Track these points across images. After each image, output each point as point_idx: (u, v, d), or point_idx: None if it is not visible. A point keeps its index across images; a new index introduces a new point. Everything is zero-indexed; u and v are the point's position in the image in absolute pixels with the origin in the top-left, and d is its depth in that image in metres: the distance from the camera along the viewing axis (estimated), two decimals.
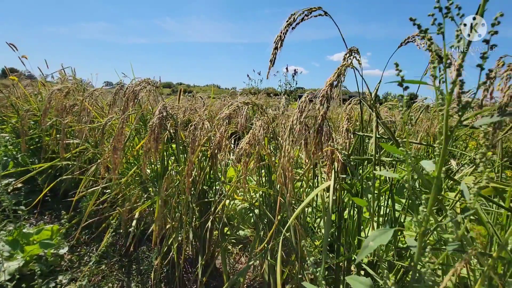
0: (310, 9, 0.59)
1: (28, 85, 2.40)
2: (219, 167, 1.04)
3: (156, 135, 0.87)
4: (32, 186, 1.92)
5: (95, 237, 1.43)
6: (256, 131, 0.78)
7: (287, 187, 0.71)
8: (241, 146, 0.79)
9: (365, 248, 0.31)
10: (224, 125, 0.85)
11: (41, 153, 1.80)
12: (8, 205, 1.21)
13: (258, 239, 0.93)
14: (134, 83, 0.98)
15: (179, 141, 0.99)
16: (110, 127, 1.40)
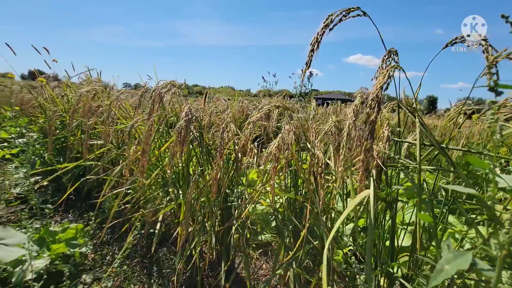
0: (348, 9, 0.56)
1: (55, 87, 2.49)
2: (242, 170, 1.02)
3: (183, 138, 0.86)
4: (57, 184, 1.98)
5: (117, 237, 1.45)
6: (286, 135, 0.76)
7: (318, 195, 0.68)
8: (270, 151, 0.77)
9: (440, 272, 0.28)
10: (249, 128, 0.83)
11: (67, 153, 1.86)
12: (36, 203, 1.24)
13: (283, 246, 0.90)
14: (160, 85, 0.98)
15: (204, 144, 0.98)
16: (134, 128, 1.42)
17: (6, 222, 1.63)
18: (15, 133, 2.73)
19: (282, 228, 0.94)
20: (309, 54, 0.55)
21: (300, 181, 0.95)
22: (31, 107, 2.73)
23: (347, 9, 0.57)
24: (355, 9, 0.57)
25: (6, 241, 0.81)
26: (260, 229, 1.09)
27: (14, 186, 1.97)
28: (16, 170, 2.21)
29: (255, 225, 1.21)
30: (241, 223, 0.93)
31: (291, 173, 0.94)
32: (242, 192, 1.09)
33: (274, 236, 1.30)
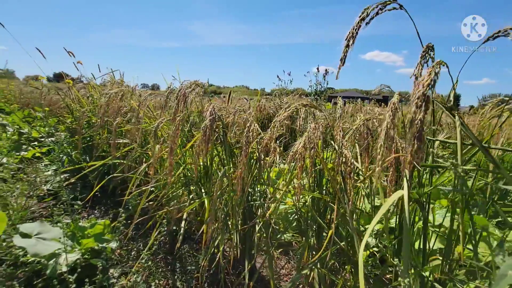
0: (385, 2, 0.54)
1: (81, 88, 2.60)
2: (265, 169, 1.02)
3: (207, 137, 0.87)
4: (84, 181, 2.07)
5: (141, 233, 1.49)
6: (312, 134, 0.75)
7: (347, 195, 0.67)
8: (296, 150, 0.76)
9: (504, 277, 0.27)
10: (275, 127, 0.82)
11: (93, 151, 1.93)
12: (66, 199, 1.30)
13: (307, 246, 0.89)
14: (184, 85, 1.00)
15: (227, 143, 0.99)
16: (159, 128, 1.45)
17: (38, 216, 1.72)
18: (44, 132, 2.87)
19: (306, 228, 0.93)
20: (344, 50, 0.54)
21: (325, 180, 0.94)
22: (59, 108, 2.86)
23: (383, 2, 0.55)
24: (391, 2, 0.55)
25: (43, 235, 0.86)
26: (283, 229, 1.08)
27: (45, 183, 2.08)
28: (46, 168, 2.33)
29: (277, 224, 1.20)
30: (264, 222, 0.93)
31: (315, 172, 0.93)
32: (264, 190, 1.09)
33: (295, 235, 1.29)
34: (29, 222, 1.57)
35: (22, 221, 1.45)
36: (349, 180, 0.63)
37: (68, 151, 2.14)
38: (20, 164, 2.35)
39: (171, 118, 1.03)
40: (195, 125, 1.26)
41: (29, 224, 0.88)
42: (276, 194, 0.99)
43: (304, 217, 0.96)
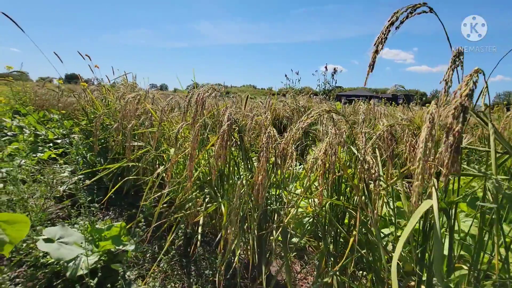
0: (414, 6, 0.53)
1: (95, 90, 2.64)
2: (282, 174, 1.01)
3: (226, 142, 0.87)
4: (98, 183, 2.10)
5: (156, 236, 1.51)
6: (333, 140, 0.74)
7: (373, 204, 0.66)
8: (316, 156, 0.75)
9: None
10: (295, 133, 0.81)
11: (107, 153, 1.97)
12: (84, 202, 1.32)
13: (326, 252, 0.88)
14: (203, 89, 1.00)
15: (244, 148, 0.98)
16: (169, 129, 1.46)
17: (55, 218, 1.76)
18: (59, 134, 2.93)
19: (324, 234, 0.92)
20: (373, 55, 0.52)
21: (343, 186, 0.92)
22: (73, 109, 2.92)
23: (412, 5, 0.53)
24: (421, 5, 0.54)
25: (65, 240, 0.87)
26: (300, 234, 1.07)
27: (61, 184, 2.12)
28: (61, 169, 2.38)
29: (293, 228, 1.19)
30: (282, 228, 0.92)
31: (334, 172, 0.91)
32: (280, 195, 1.08)
33: (310, 240, 1.28)
34: (47, 223, 1.61)
35: (40, 222, 1.48)
36: (374, 188, 0.62)
37: (83, 153, 2.18)
38: (37, 165, 2.41)
39: (191, 123, 1.04)
40: (207, 126, 1.26)
41: (51, 229, 0.89)
42: (293, 198, 0.98)
43: (321, 222, 0.95)
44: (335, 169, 0.76)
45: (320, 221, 0.95)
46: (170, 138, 1.57)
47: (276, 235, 0.90)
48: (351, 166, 0.91)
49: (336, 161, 0.79)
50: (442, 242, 0.65)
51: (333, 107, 0.68)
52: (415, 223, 0.50)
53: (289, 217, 0.86)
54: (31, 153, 2.54)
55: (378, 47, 0.51)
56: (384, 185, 0.73)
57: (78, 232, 0.94)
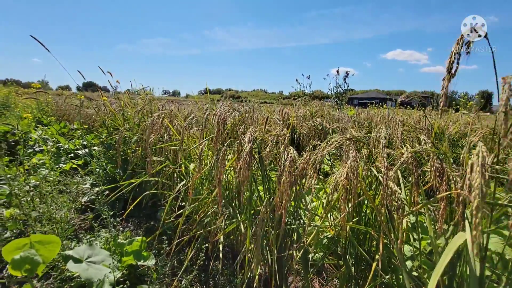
0: None
1: (113, 103, 2.74)
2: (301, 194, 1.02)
3: (248, 164, 0.88)
4: (118, 194, 2.17)
5: (176, 250, 1.53)
6: (354, 164, 0.74)
7: (396, 233, 0.65)
8: (338, 181, 0.75)
9: None
10: (315, 157, 0.82)
11: (127, 165, 2.03)
12: (107, 216, 1.37)
13: (348, 274, 0.88)
14: (223, 110, 1.02)
15: (264, 168, 0.99)
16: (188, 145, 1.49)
17: (78, 229, 1.82)
18: (80, 145, 3.04)
19: (345, 255, 0.91)
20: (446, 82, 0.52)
21: (364, 207, 0.92)
22: (93, 121, 3.02)
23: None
24: None
25: (92, 259, 0.91)
26: (319, 254, 1.07)
27: (82, 195, 2.20)
28: (83, 180, 2.47)
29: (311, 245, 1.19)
30: (302, 250, 0.92)
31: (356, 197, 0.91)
32: (300, 214, 1.09)
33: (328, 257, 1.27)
34: (71, 236, 1.67)
35: (66, 236, 1.54)
36: (396, 216, 0.62)
37: (103, 165, 2.25)
38: (59, 176, 2.51)
39: (213, 141, 1.06)
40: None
41: (79, 248, 0.93)
42: (313, 218, 0.99)
43: (342, 244, 0.95)
44: (356, 193, 0.75)
45: (340, 241, 0.95)
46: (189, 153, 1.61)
47: (297, 257, 0.90)
48: (372, 187, 0.91)
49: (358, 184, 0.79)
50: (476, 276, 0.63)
51: (354, 134, 0.68)
52: (449, 257, 0.49)
53: (310, 240, 0.86)
54: (55, 165, 2.64)
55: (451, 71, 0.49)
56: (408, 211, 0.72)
57: (104, 251, 0.97)
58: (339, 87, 10.91)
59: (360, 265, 0.94)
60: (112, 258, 0.92)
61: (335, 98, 10.45)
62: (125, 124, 2.26)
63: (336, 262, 1.20)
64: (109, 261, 0.92)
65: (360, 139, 0.69)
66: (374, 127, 2.25)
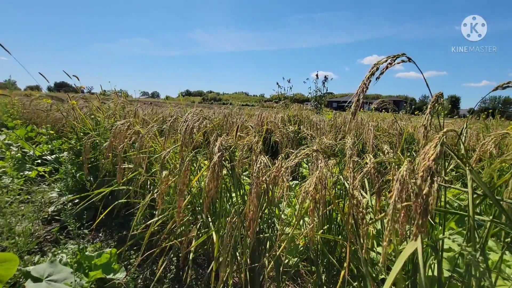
0: (394, 56, 0.55)
1: (83, 107, 2.61)
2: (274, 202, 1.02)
3: (217, 174, 0.87)
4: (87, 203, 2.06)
5: (147, 260, 1.48)
6: (322, 175, 0.75)
7: (361, 241, 0.67)
8: (306, 190, 0.76)
9: None
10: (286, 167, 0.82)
11: (97, 172, 1.94)
12: (74, 228, 1.30)
13: (318, 285, 0.89)
14: (192, 118, 1.00)
15: (236, 176, 0.99)
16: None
17: (43, 241, 1.71)
18: (47, 150, 2.87)
19: (317, 262, 0.93)
20: (355, 104, 0.54)
21: (335, 214, 0.94)
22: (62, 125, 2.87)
23: (393, 56, 0.56)
24: (400, 55, 0.56)
25: (54, 277, 0.85)
26: (293, 262, 1.07)
27: (49, 204, 2.07)
28: (50, 188, 2.33)
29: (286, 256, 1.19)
30: (274, 259, 0.92)
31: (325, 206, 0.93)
32: (273, 221, 1.09)
33: (302, 263, 1.28)
34: (35, 249, 1.57)
35: (28, 250, 1.44)
36: (362, 229, 0.63)
37: (72, 172, 2.14)
38: (24, 184, 2.35)
39: (179, 150, 1.04)
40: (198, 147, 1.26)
41: (40, 266, 0.87)
42: (286, 227, 0.99)
43: (313, 251, 0.96)
44: (325, 203, 0.77)
45: (312, 248, 0.96)
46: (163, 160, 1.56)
47: (269, 267, 0.90)
48: (342, 196, 0.93)
49: (327, 194, 0.81)
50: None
51: (322, 148, 0.69)
52: (400, 267, 0.51)
53: (281, 249, 0.86)
54: (19, 172, 2.48)
55: (359, 97, 0.52)
56: (373, 218, 0.74)
57: (67, 268, 0.92)
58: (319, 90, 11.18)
59: (331, 271, 0.95)
60: (75, 276, 0.87)
61: (315, 101, 10.71)
62: (96, 129, 2.17)
63: (311, 268, 1.22)
64: (72, 279, 0.87)
65: (326, 151, 0.70)
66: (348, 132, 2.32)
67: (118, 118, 1.95)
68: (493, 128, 3.49)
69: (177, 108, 4.79)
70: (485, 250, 0.65)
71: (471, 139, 2.45)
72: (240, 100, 42.50)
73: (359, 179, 0.68)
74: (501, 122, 4.15)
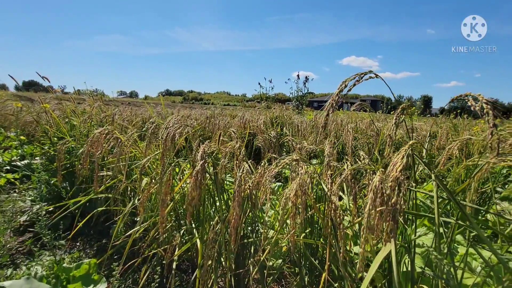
0: (362, 73, 0.59)
1: (55, 109, 2.49)
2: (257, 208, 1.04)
3: (199, 182, 0.88)
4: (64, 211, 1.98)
5: (129, 269, 1.45)
6: (303, 181, 0.78)
7: (339, 244, 0.70)
8: (288, 196, 0.79)
9: None
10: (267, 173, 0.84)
11: (74, 179, 1.86)
12: (49, 241, 1.24)
13: (302, 283, 0.92)
14: (173, 126, 1.00)
15: (219, 182, 0.99)
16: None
17: (15, 253, 1.62)
18: (16, 155, 2.72)
19: (300, 265, 0.96)
20: (325, 118, 0.57)
21: (316, 218, 0.97)
22: (34, 130, 2.73)
23: (360, 73, 0.59)
24: (367, 73, 0.60)
25: None
26: (277, 265, 1.10)
27: (21, 214, 1.96)
28: (21, 196, 2.20)
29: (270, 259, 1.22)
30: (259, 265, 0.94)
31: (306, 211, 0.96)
32: (257, 225, 1.11)
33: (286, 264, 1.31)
34: (7, 262, 1.48)
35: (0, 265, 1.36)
36: (339, 232, 0.66)
37: (46, 179, 2.04)
38: None
39: (160, 158, 1.03)
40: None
41: (15, 283, 0.83)
42: (269, 230, 1.01)
43: (296, 252, 0.99)
44: (306, 208, 0.79)
45: (295, 252, 0.98)
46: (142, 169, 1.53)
47: (254, 272, 0.91)
48: (323, 200, 0.96)
49: (307, 199, 0.83)
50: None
51: (302, 155, 0.72)
52: (375, 268, 0.55)
53: (265, 254, 0.88)
54: None
55: (329, 111, 0.55)
56: (350, 222, 0.78)
57: (44, 285, 0.88)
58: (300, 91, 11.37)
59: (314, 272, 0.99)
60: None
61: (296, 101, 10.89)
62: (72, 134, 2.08)
63: (295, 270, 1.25)
64: None
65: (305, 160, 0.73)
66: (329, 134, 2.39)
67: (95, 122, 1.88)
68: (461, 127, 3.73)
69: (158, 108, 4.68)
70: (451, 246, 0.71)
71: (442, 138, 2.60)
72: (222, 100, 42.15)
73: (335, 186, 0.71)
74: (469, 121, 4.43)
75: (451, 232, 0.71)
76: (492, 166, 0.69)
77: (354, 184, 0.72)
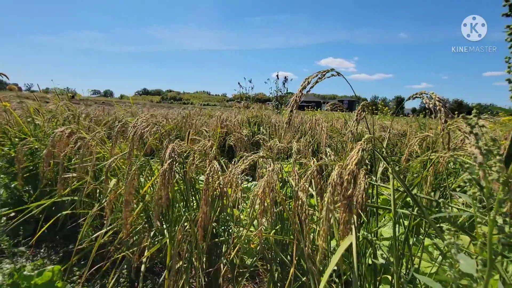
0: (324, 71, 0.60)
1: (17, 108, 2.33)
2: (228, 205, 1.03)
3: (167, 181, 0.86)
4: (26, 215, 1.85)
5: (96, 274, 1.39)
6: (271, 178, 0.79)
7: (304, 239, 0.72)
8: (256, 193, 0.79)
9: None
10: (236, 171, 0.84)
11: (38, 182, 1.75)
12: (8, 247, 1.16)
13: (272, 282, 0.93)
14: (141, 124, 0.97)
15: (188, 184, 0.98)
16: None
17: None
18: None
19: (271, 261, 0.97)
20: (289, 115, 0.58)
21: (286, 215, 0.98)
22: None
23: (323, 71, 0.61)
24: (329, 71, 0.62)
25: None
26: (249, 262, 1.10)
27: None
28: None
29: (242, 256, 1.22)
30: (230, 263, 0.94)
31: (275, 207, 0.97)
32: (228, 224, 1.10)
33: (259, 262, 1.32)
34: None
35: None
36: (305, 227, 0.68)
37: (6, 182, 1.90)
38: None
39: (127, 158, 0.99)
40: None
41: None
42: (241, 228, 1.01)
43: (267, 249, 1.00)
44: (274, 204, 0.80)
45: (266, 248, 0.99)
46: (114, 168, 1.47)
47: (224, 269, 0.91)
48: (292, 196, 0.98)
49: (276, 196, 0.85)
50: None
51: (268, 154, 0.73)
52: (336, 261, 0.57)
53: (235, 251, 0.88)
54: None
55: (292, 108, 0.56)
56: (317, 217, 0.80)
57: None
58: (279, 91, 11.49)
59: (285, 268, 1.00)
60: None
61: (276, 101, 11.00)
62: (35, 134, 1.95)
63: (267, 267, 1.26)
64: None
65: (271, 157, 0.74)
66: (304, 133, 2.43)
67: (61, 122, 1.79)
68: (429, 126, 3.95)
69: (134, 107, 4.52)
70: (409, 237, 0.75)
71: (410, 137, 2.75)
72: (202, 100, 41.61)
73: (302, 182, 0.73)
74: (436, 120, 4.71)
75: (409, 223, 0.75)
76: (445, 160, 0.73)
77: (319, 180, 0.74)
